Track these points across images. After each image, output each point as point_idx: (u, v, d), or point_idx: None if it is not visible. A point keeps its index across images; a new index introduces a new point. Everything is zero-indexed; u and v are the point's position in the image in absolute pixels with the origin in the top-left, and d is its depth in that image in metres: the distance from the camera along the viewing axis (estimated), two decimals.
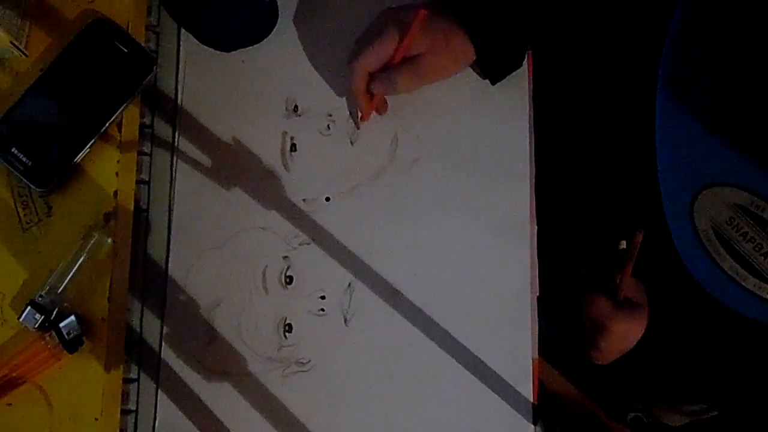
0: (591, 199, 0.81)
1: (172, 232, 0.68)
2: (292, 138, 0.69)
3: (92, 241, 0.62)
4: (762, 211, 0.35)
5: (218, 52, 0.70)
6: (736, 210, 0.37)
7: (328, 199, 0.68)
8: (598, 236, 0.72)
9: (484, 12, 0.63)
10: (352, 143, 0.69)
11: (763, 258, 0.37)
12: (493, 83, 0.68)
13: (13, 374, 0.60)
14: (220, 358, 0.65)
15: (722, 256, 0.39)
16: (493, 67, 0.66)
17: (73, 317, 0.60)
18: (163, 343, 0.66)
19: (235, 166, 0.68)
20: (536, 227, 0.67)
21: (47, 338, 0.60)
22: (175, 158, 0.69)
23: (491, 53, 0.65)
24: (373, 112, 0.68)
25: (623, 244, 0.61)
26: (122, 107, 0.64)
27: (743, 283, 0.38)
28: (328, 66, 0.70)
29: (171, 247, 0.67)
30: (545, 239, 0.67)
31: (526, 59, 0.69)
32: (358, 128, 0.68)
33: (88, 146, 0.63)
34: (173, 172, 0.69)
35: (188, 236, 0.67)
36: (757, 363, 0.66)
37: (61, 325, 0.60)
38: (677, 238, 0.41)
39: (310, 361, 0.65)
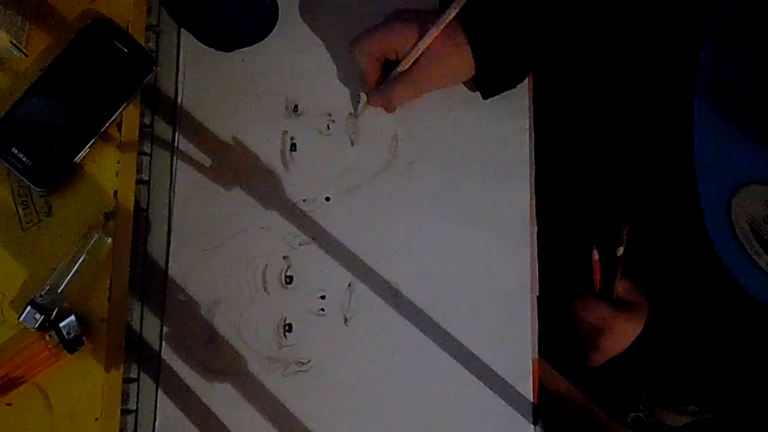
0: (591, 199, 0.81)
1: (172, 232, 0.68)
2: (292, 138, 0.69)
3: (92, 241, 0.62)
4: None
5: (218, 52, 0.70)
6: None
7: (328, 199, 0.68)
8: (598, 236, 0.72)
9: (491, 28, 0.62)
10: (352, 143, 0.69)
11: None
12: (484, 98, 0.67)
13: (13, 374, 0.60)
14: (220, 358, 0.65)
15: (759, 253, 0.39)
16: (488, 84, 0.66)
17: (73, 317, 0.60)
18: (163, 343, 0.66)
19: (235, 166, 0.68)
20: (536, 227, 0.67)
21: (47, 338, 0.60)
22: (175, 158, 0.69)
23: (491, 71, 0.64)
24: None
25: (620, 251, 0.62)
26: (122, 107, 0.64)
27: None
28: (328, 66, 0.70)
29: (171, 247, 0.67)
30: (545, 239, 0.67)
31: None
32: (356, 116, 0.68)
33: (88, 146, 0.63)
34: (173, 172, 0.69)
35: (188, 236, 0.67)
36: (753, 365, 0.66)
37: (61, 325, 0.60)
38: (715, 236, 0.42)
39: (310, 360, 0.65)
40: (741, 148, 0.39)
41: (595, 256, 0.65)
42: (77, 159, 0.63)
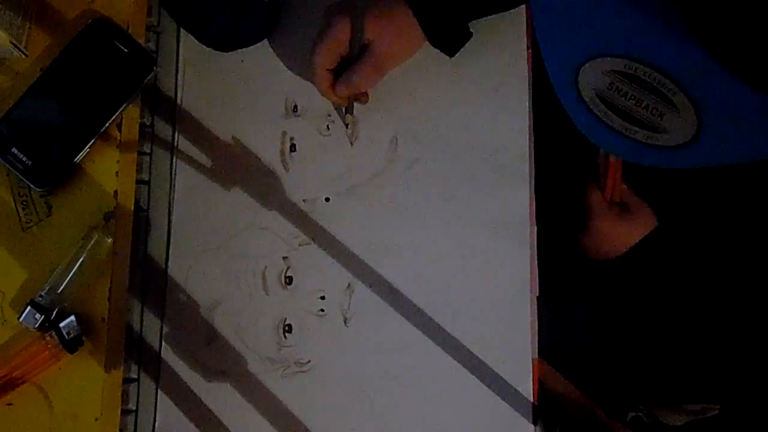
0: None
1: (172, 232, 0.68)
2: (291, 138, 0.69)
3: (92, 241, 0.62)
4: (635, 70, 0.39)
5: (218, 52, 0.70)
6: (613, 75, 0.40)
7: (327, 199, 0.68)
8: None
9: None
10: (351, 143, 0.69)
11: (644, 110, 0.41)
12: (450, 56, 0.67)
13: (13, 374, 0.60)
14: (219, 358, 0.65)
15: (611, 117, 0.42)
16: (444, 42, 0.66)
17: (73, 317, 0.60)
18: (163, 343, 0.66)
19: (235, 166, 0.68)
20: (536, 227, 0.67)
21: (47, 338, 0.60)
22: (175, 158, 0.69)
23: (438, 29, 0.64)
24: (355, 103, 0.67)
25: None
26: (122, 107, 0.64)
27: (635, 137, 0.42)
28: None
29: (171, 247, 0.67)
30: (545, 239, 0.67)
31: (525, 58, 0.69)
32: (346, 125, 0.68)
33: (88, 146, 0.63)
34: (173, 172, 0.69)
35: (188, 236, 0.67)
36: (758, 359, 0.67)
37: (61, 325, 0.60)
38: (570, 111, 0.46)
39: (309, 361, 0.65)
40: (577, 26, 0.41)
41: (613, 158, 0.66)
42: (77, 159, 0.63)
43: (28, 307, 0.60)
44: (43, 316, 0.60)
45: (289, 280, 0.67)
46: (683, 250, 0.68)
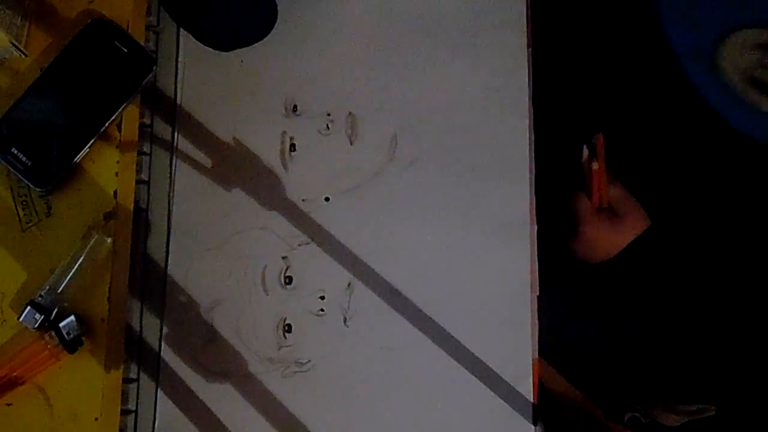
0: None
1: (172, 232, 0.68)
2: (291, 138, 0.69)
3: (92, 241, 0.61)
4: None
5: (218, 52, 0.70)
6: (762, 51, 0.35)
7: (327, 199, 0.68)
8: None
9: None
10: (351, 143, 0.69)
11: None
12: None
13: (13, 374, 0.60)
14: (219, 358, 0.65)
15: (762, 100, 0.37)
16: None
17: (73, 317, 0.60)
18: (163, 343, 0.66)
19: (234, 166, 0.68)
20: (536, 227, 0.67)
21: (47, 338, 0.60)
22: (174, 158, 0.69)
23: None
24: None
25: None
26: (122, 107, 0.64)
27: None
28: (327, 66, 0.70)
29: (171, 247, 0.67)
30: (545, 239, 0.67)
31: (525, 58, 0.69)
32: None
33: (88, 146, 0.63)
34: (173, 172, 0.69)
35: (188, 236, 0.67)
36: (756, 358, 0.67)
37: (61, 325, 0.60)
38: (709, 97, 0.40)
39: (309, 361, 0.65)
40: (710, 1, 0.36)
41: (595, 166, 0.65)
42: (77, 159, 0.63)
43: (28, 307, 0.60)
44: (42, 316, 0.60)
45: (289, 280, 0.67)
46: (676, 251, 0.68)
